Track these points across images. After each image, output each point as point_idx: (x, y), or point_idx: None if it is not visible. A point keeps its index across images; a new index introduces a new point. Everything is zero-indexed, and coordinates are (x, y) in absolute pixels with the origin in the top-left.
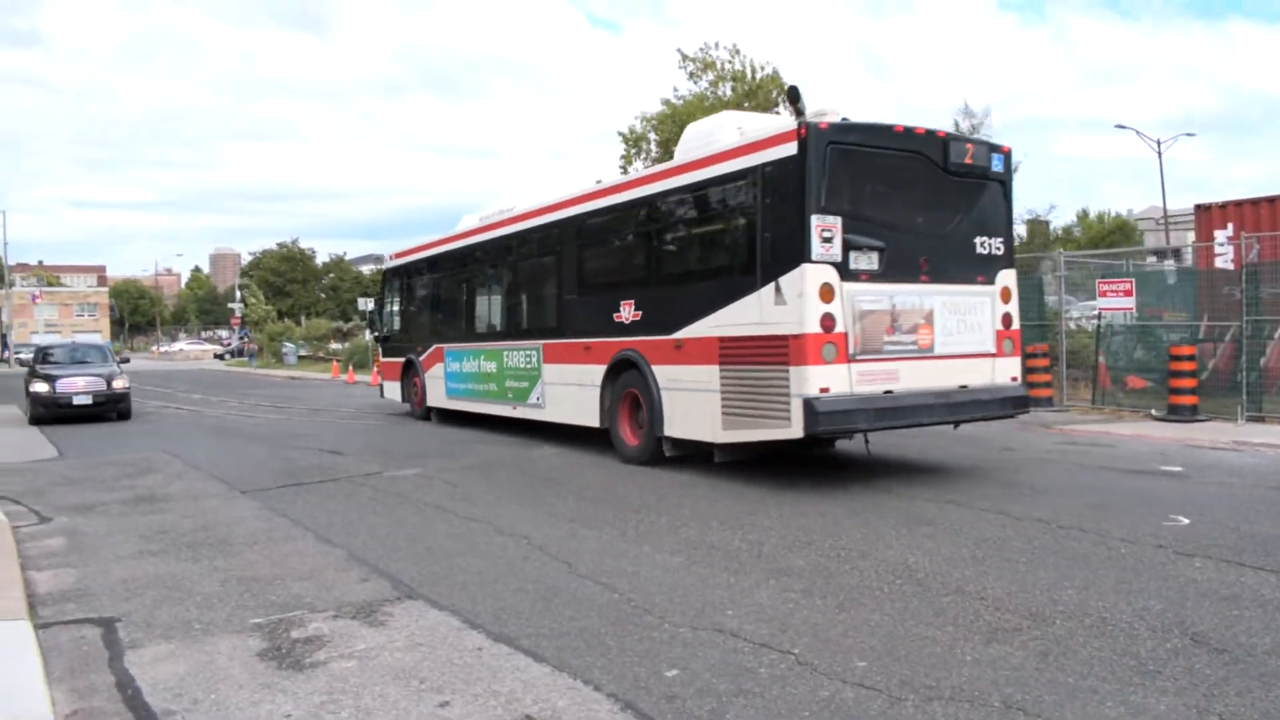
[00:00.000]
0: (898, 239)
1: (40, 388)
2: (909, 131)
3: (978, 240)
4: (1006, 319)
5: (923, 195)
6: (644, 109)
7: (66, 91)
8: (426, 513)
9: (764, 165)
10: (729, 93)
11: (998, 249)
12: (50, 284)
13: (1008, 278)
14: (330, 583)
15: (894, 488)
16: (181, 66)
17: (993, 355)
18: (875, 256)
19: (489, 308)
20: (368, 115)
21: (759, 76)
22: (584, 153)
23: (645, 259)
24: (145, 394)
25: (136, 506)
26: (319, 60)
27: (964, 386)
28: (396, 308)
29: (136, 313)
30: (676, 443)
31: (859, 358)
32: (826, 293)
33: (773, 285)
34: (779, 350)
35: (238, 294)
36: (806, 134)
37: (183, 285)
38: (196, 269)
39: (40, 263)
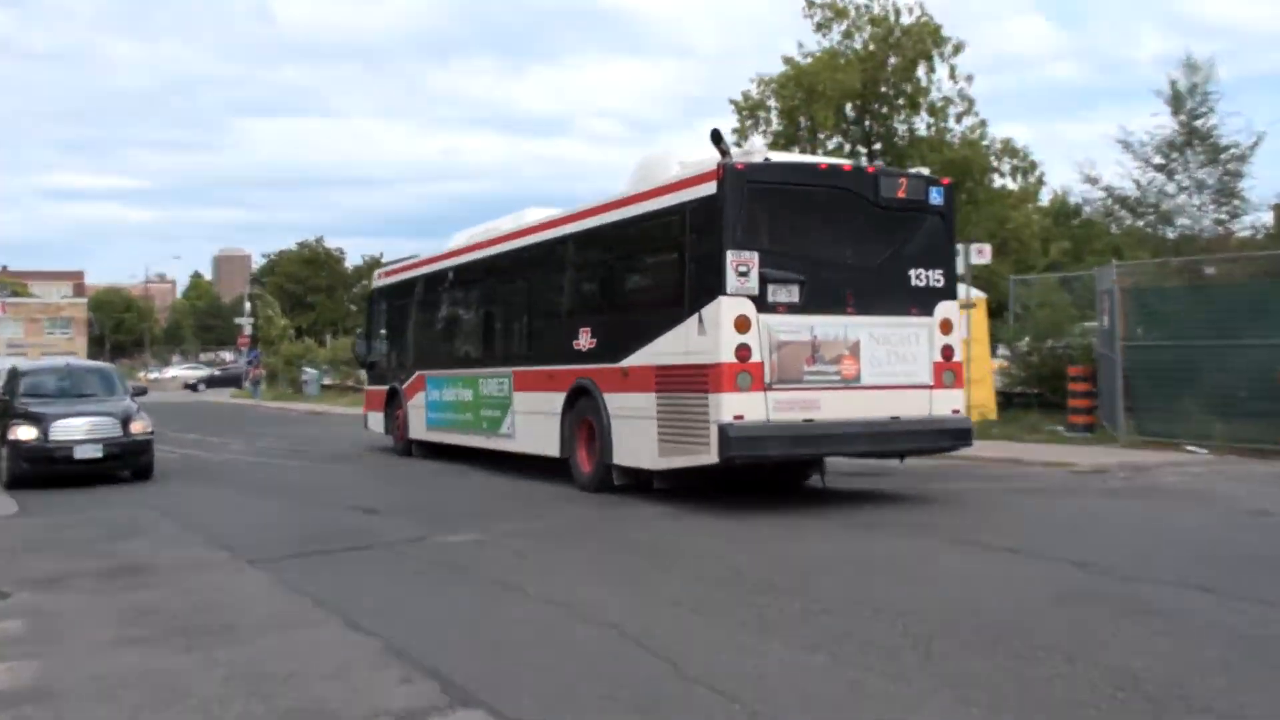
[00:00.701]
0: (821, 272)
1: (25, 434)
2: (835, 169)
3: (913, 273)
4: (947, 350)
5: (851, 229)
6: (761, 69)
7: (44, 58)
8: (487, 591)
9: (690, 203)
10: (866, 43)
11: (937, 281)
12: (16, 293)
13: (948, 309)
14: (362, 683)
15: (1089, 559)
16: (183, 26)
17: (929, 387)
18: (795, 289)
19: (467, 333)
20: (412, 83)
21: (905, 21)
22: (683, 126)
23: (598, 287)
24: None
25: (115, 579)
26: (351, 15)
27: (896, 418)
28: (383, 331)
29: (121, 329)
30: (623, 470)
31: (776, 387)
32: (741, 324)
33: (696, 316)
34: (701, 379)
35: (247, 305)
36: (724, 174)
37: (179, 295)
38: (197, 275)
39: (4, 268)
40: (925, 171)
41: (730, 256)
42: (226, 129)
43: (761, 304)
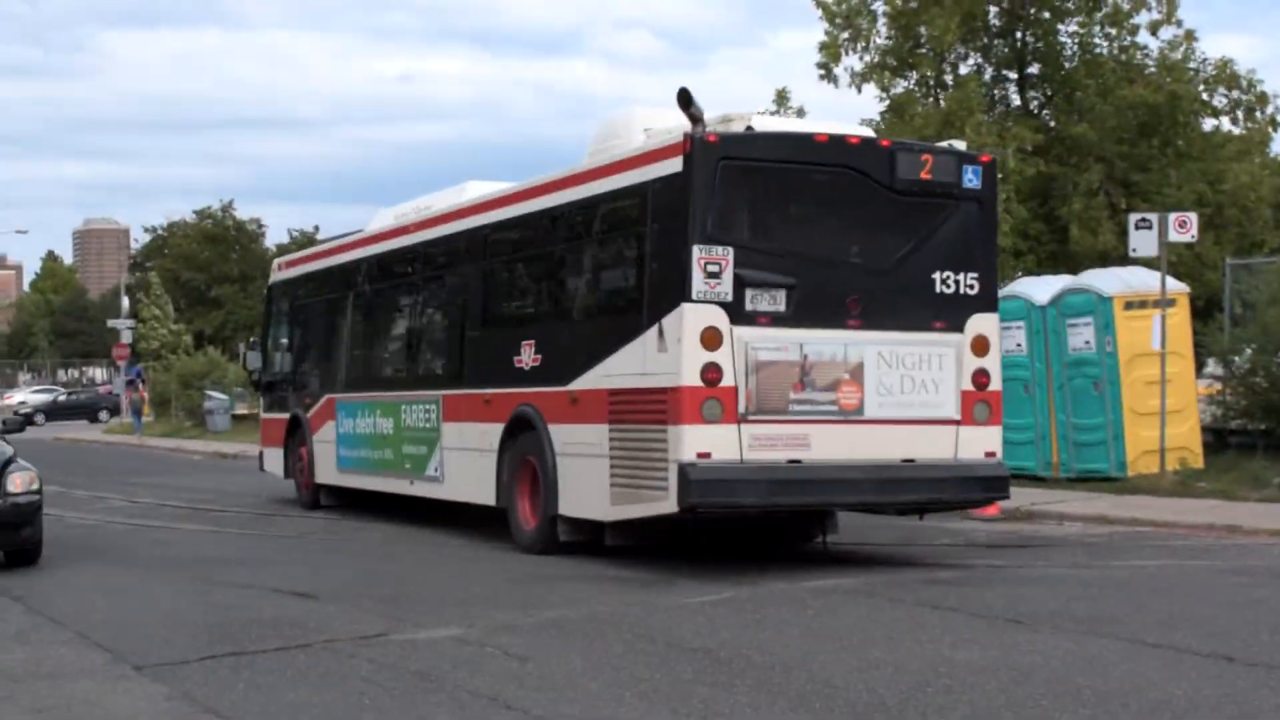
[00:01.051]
0: (816, 274)
1: None
2: (838, 141)
3: (938, 276)
4: (980, 376)
5: (858, 219)
6: None
7: None
8: (475, 714)
9: (652, 183)
10: None
11: (970, 287)
12: None
13: (984, 324)
14: None
15: None
16: None
17: (955, 422)
18: (781, 295)
19: (387, 345)
20: None
21: None
22: (747, 42)
23: (543, 289)
24: None
25: None
26: None
27: (910, 460)
28: (283, 341)
29: None
30: (572, 523)
31: (753, 418)
32: (710, 338)
33: (656, 328)
34: (659, 407)
35: (124, 302)
36: (691, 148)
37: (26, 286)
38: (52, 256)
39: None
40: (960, 145)
41: (697, 253)
42: (86, 46)
43: (737, 314)
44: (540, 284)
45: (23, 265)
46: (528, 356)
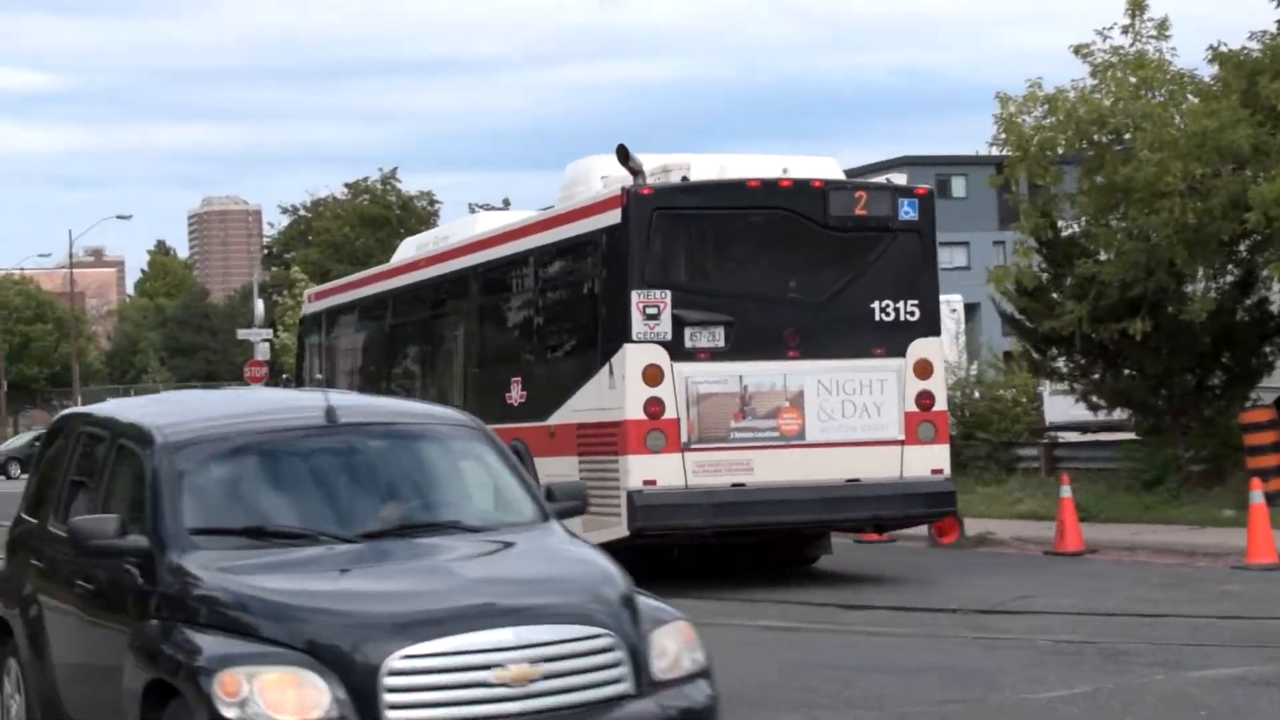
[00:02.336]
0: (754, 310)
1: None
2: (770, 185)
3: (877, 305)
4: (924, 398)
5: (794, 257)
6: None
7: None
8: None
9: (599, 232)
10: None
11: (911, 314)
12: None
13: (926, 348)
14: None
15: None
16: None
17: (900, 442)
18: (720, 332)
19: (403, 379)
20: None
21: None
22: None
23: (524, 329)
24: None
25: None
26: None
27: (854, 480)
28: (316, 376)
29: (29, 355)
30: None
31: (696, 447)
32: (653, 375)
33: (607, 366)
34: (612, 438)
35: (258, 307)
36: (627, 201)
37: (130, 289)
38: (161, 247)
39: None
40: (899, 180)
41: (636, 297)
42: None
43: (677, 351)
44: (521, 324)
45: (124, 261)
46: (516, 393)
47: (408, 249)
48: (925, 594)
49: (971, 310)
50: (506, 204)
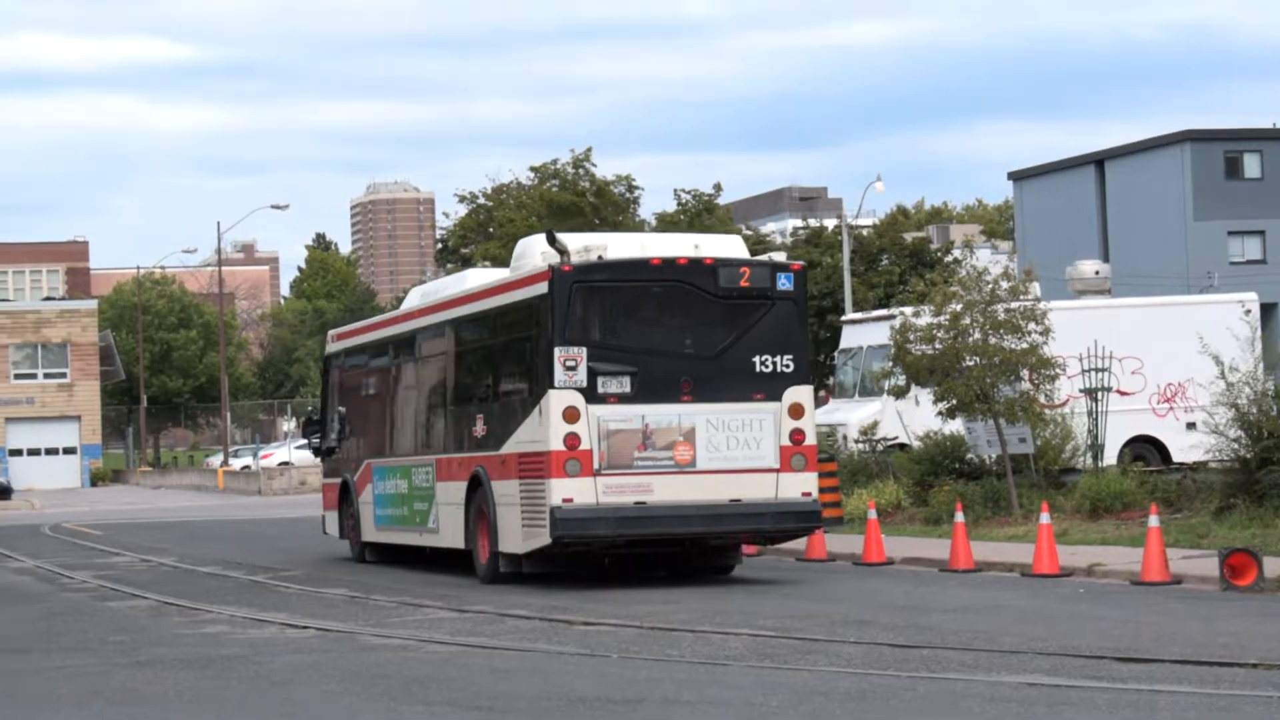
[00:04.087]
0: (654, 363)
1: None
2: (669, 262)
3: (758, 359)
4: (796, 435)
5: (689, 320)
6: None
7: None
8: None
9: (534, 298)
10: None
11: (786, 366)
12: None
13: (799, 394)
14: None
15: None
16: None
17: (776, 470)
18: (626, 380)
19: (402, 416)
20: None
21: None
22: None
23: (485, 371)
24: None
25: None
26: None
27: (737, 500)
28: (335, 411)
29: (171, 364)
30: (507, 557)
31: (606, 472)
32: (571, 415)
33: (538, 407)
34: (541, 465)
35: None
36: (552, 276)
37: (285, 289)
38: (321, 240)
39: None
40: (779, 257)
41: (558, 353)
42: None
43: (591, 395)
44: (482, 369)
45: (279, 258)
46: (480, 427)
47: (413, 298)
48: (1216, 646)
49: (1269, 311)
50: (718, 189)
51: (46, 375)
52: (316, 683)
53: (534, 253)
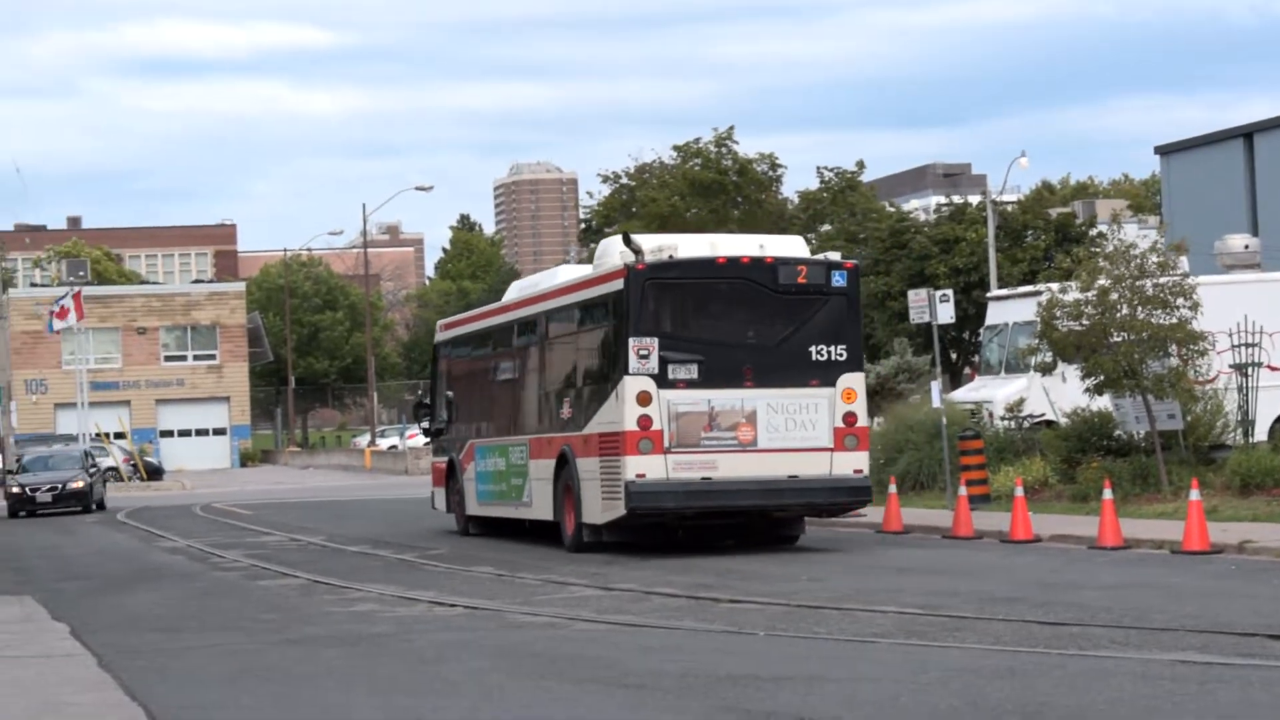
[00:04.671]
0: (719, 352)
1: None
2: (734, 261)
3: (814, 349)
4: (849, 417)
5: (751, 312)
6: None
7: None
8: None
9: (612, 294)
10: None
11: (840, 355)
12: (102, 277)
13: (851, 380)
14: None
15: None
16: None
17: (830, 450)
18: (694, 367)
19: (500, 399)
20: None
21: None
22: None
23: (571, 359)
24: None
25: None
26: None
27: (795, 476)
28: (443, 395)
29: (318, 345)
30: (589, 528)
31: (675, 450)
32: (643, 398)
33: (615, 391)
34: (618, 444)
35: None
36: (627, 274)
37: (430, 270)
38: (465, 221)
39: (77, 222)
40: (835, 256)
41: (632, 343)
42: None
43: (663, 381)
44: (569, 357)
45: (423, 239)
46: (567, 410)
47: (512, 292)
48: None
49: None
50: (861, 166)
51: (196, 357)
52: (465, 660)
53: (613, 252)
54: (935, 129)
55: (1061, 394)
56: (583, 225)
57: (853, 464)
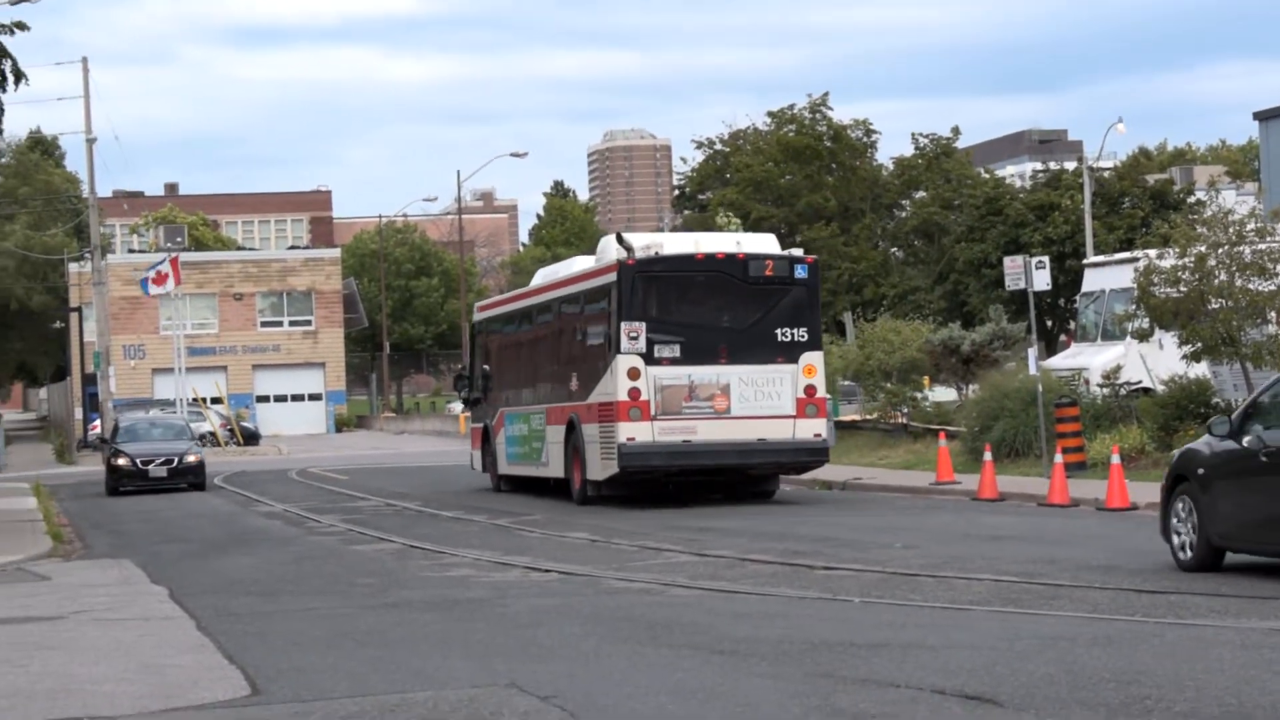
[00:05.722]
0: (698, 334)
1: None
2: (710, 257)
3: (779, 331)
4: (810, 389)
5: (726, 300)
6: None
7: None
8: None
9: (607, 285)
10: None
11: (802, 337)
12: (199, 243)
13: (812, 358)
14: None
15: None
16: None
17: (793, 417)
18: (676, 347)
19: (524, 373)
20: None
21: None
22: None
23: (577, 339)
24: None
25: None
26: None
27: (763, 439)
28: (480, 368)
29: (412, 312)
30: (592, 484)
31: (661, 417)
32: (633, 373)
33: (610, 367)
34: (612, 412)
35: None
36: (619, 269)
37: (524, 237)
38: (559, 188)
39: (174, 189)
40: (798, 252)
41: (624, 326)
42: None
43: (650, 359)
44: (576, 337)
45: (517, 205)
46: (574, 383)
47: (537, 278)
48: None
49: None
50: (956, 133)
51: (292, 323)
52: (560, 625)
53: (610, 248)
54: (1031, 94)
55: (1158, 361)
56: (676, 191)
57: (813, 429)
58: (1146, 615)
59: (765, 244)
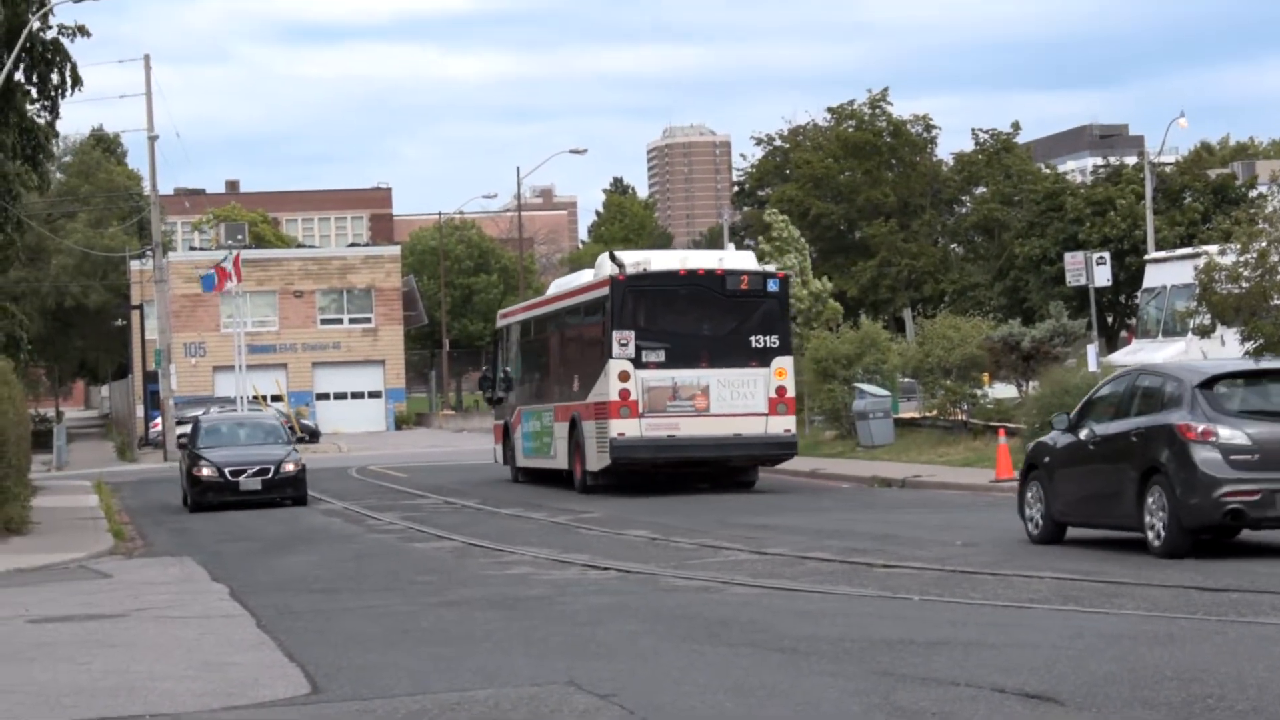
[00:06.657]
0: (682, 341)
1: None
2: (692, 272)
3: (753, 338)
4: (780, 390)
5: (706, 311)
6: None
7: None
8: None
9: (601, 298)
10: None
11: (773, 343)
12: (260, 240)
13: (782, 362)
14: None
15: None
16: None
17: (765, 414)
18: (662, 352)
19: (537, 375)
20: None
21: None
22: None
23: (578, 345)
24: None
25: None
26: None
27: (738, 434)
28: (507, 370)
29: (472, 309)
30: (590, 474)
31: (647, 415)
32: (623, 376)
33: (604, 370)
34: (605, 410)
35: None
36: (611, 283)
37: (583, 233)
38: (618, 184)
39: (235, 186)
40: (770, 268)
41: (615, 334)
42: None
43: (638, 363)
44: (578, 343)
45: (577, 202)
46: (577, 384)
47: (551, 288)
48: None
49: None
50: (1016, 128)
51: (352, 320)
52: (620, 623)
53: (605, 265)
54: (1091, 89)
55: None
56: (736, 188)
57: (783, 425)
58: (1209, 613)
59: (744, 260)
